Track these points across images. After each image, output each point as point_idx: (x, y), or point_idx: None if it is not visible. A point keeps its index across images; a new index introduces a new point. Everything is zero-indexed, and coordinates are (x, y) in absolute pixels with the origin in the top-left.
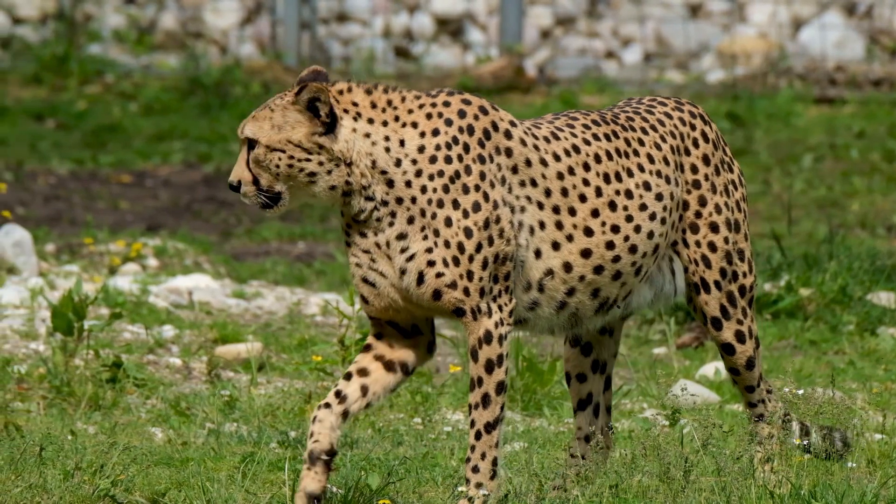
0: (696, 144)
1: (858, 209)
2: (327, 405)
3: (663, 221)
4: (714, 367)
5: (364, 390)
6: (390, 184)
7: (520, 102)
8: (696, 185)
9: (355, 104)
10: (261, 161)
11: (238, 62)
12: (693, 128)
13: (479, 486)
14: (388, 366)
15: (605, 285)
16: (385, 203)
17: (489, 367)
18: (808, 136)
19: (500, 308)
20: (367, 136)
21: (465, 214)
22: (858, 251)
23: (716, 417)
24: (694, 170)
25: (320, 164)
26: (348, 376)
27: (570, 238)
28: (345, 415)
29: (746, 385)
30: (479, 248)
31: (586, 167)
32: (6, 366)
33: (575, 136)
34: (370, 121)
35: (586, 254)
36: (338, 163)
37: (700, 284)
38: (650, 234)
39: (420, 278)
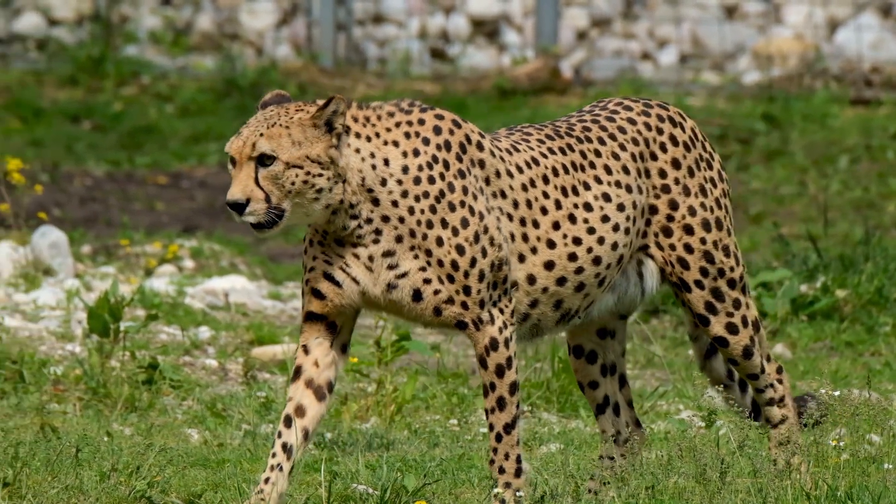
0: (663, 149)
1: (894, 210)
2: (280, 466)
3: (627, 231)
4: None
5: (305, 433)
6: (375, 202)
7: (556, 104)
8: (666, 189)
9: (354, 118)
10: (278, 178)
11: (274, 63)
12: (660, 132)
13: (507, 485)
14: (318, 393)
15: (568, 297)
16: (370, 221)
17: (499, 371)
18: (844, 137)
19: (501, 311)
20: (357, 151)
21: (455, 232)
22: (895, 252)
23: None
24: (662, 174)
25: (328, 179)
26: (288, 421)
27: (534, 250)
28: (291, 467)
29: (749, 373)
30: (473, 262)
31: (545, 180)
32: (42, 367)
33: (532, 149)
34: (357, 135)
35: (549, 266)
36: (338, 179)
37: (681, 284)
38: (614, 245)
39: (417, 295)
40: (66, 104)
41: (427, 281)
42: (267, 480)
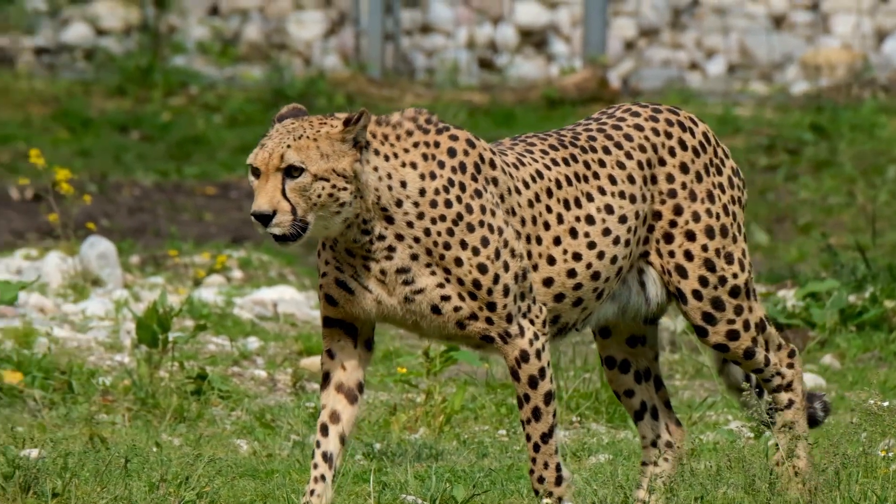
0: (672, 153)
1: None
2: (323, 477)
3: (627, 244)
4: None
5: (342, 438)
6: (389, 220)
7: None
8: (672, 193)
9: (372, 135)
10: (306, 190)
11: (322, 74)
12: (669, 136)
13: (549, 494)
14: (350, 396)
15: (566, 312)
16: (382, 238)
17: (532, 382)
18: (892, 147)
19: (531, 322)
20: (375, 169)
21: (476, 252)
22: None
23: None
24: (670, 179)
25: (351, 193)
26: (325, 430)
27: (535, 267)
28: (334, 475)
29: (753, 369)
30: (496, 279)
31: (549, 193)
32: (91, 378)
33: (535, 161)
34: (376, 153)
35: (548, 282)
36: (357, 194)
37: (678, 295)
38: (613, 259)
39: (436, 310)
40: (115, 114)
41: (446, 298)
42: (312, 493)
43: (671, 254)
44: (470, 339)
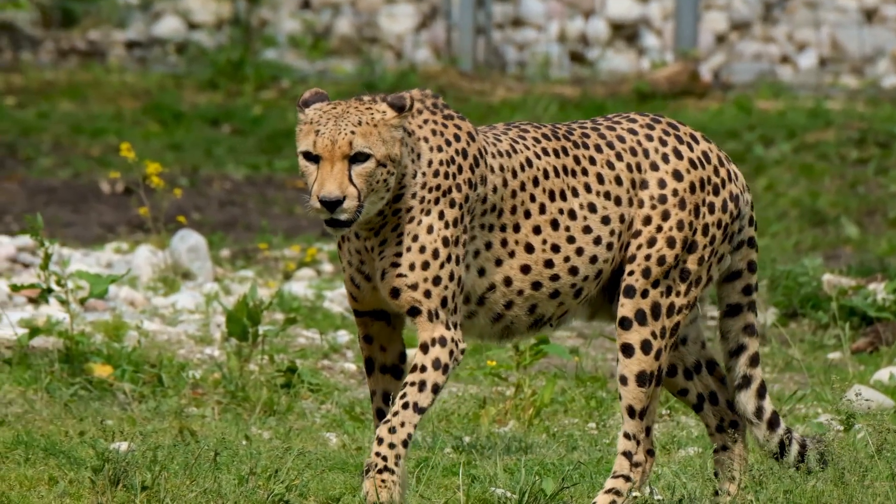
0: (665, 160)
1: None
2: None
3: (609, 247)
4: (889, 373)
5: None
6: (398, 198)
7: (694, 107)
8: (662, 199)
9: None
10: (371, 176)
11: (413, 67)
12: (664, 143)
13: (391, 445)
14: (396, 373)
15: (543, 302)
16: (382, 214)
17: (436, 364)
18: None
19: (455, 327)
20: (405, 146)
21: (447, 226)
22: None
23: (891, 422)
24: (661, 184)
25: (395, 177)
26: (381, 414)
27: (511, 254)
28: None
29: (627, 406)
30: (448, 259)
31: (535, 182)
32: (181, 371)
33: (528, 148)
34: (407, 133)
35: (525, 270)
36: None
37: (624, 290)
38: (593, 259)
39: (382, 274)
40: (206, 108)
41: (396, 265)
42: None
43: (647, 257)
44: (401, 309)
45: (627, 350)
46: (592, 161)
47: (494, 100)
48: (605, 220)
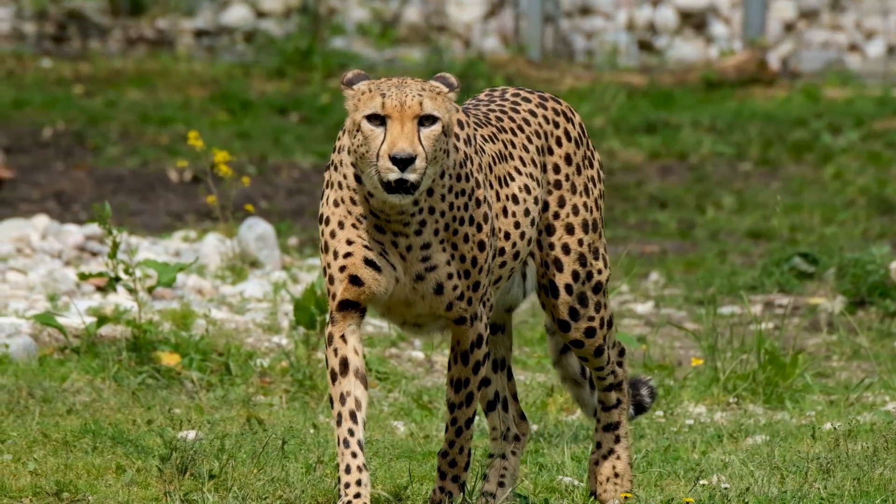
0: (559, 143)
1: None
2: (365, 466)
3: (534, 223)
4: None
5: (363, 424)
6: (430, 192)
7: (762, 96)
8: (558, 185)
9: None
10: (438, 140)
11: (481, 56)
12: (556, 125)
13: (455, 478)
14: (364, 381)
15: (491, 292)
16: (421, 210)
17: (476, 368)
18: None
19: (484, 305)
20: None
21: (479, 228)
22: None
23: None
24: (556, 169)
25: (448, 154)
26: (354, 417)
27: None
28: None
29: (596, 367)
30: (486, 259)
31: (490, 169)
32: (249, 360)
33: (484, 139)
34: None
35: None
36: None
37: (549, 287)
38: (529, 241)
39: (439, 289)
40: (274, 96)
41: (450, 276)
42: (359, 483)
43: (551, 246)
44: (439, 322)
45: (577, 343)
46: (513, 145)
47: (562, 88)
48: (535, 201)
